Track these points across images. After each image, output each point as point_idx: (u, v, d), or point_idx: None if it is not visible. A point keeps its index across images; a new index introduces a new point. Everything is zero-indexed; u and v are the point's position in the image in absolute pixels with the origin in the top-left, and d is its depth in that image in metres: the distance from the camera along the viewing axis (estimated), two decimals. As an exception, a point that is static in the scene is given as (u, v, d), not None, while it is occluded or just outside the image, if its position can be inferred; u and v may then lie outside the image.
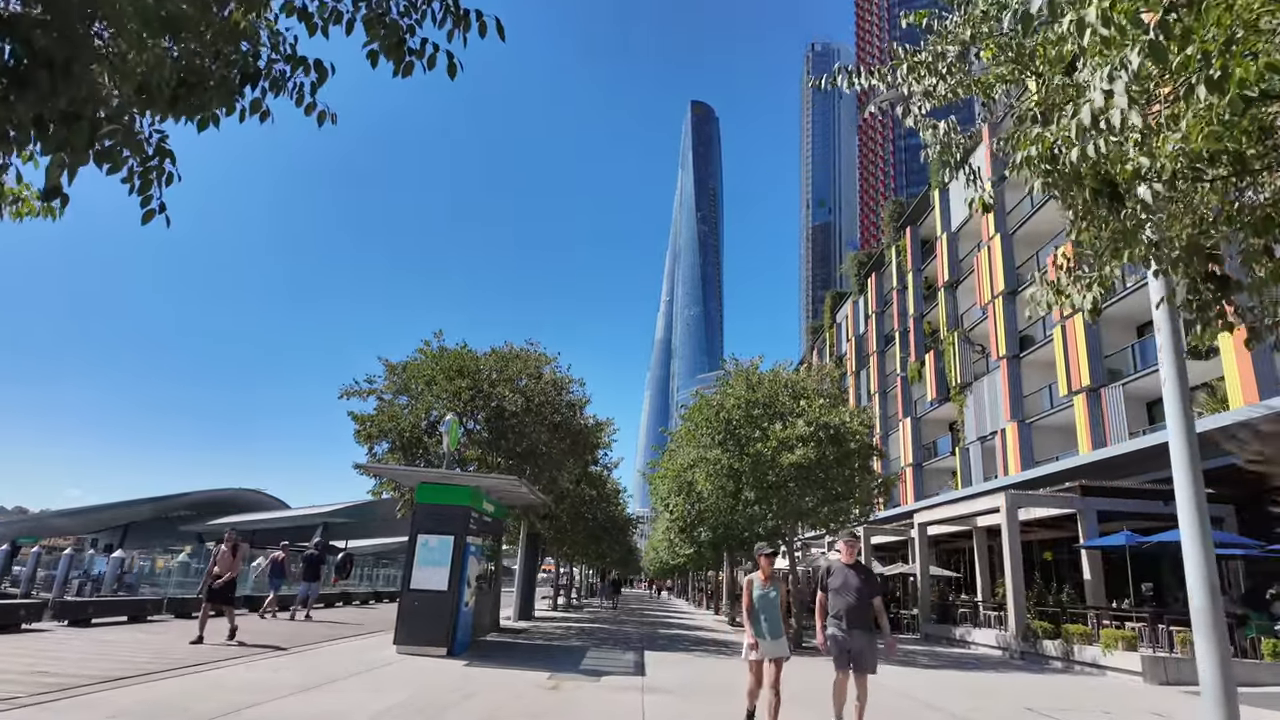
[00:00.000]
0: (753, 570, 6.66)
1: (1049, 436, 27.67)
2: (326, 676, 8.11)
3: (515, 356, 15.83)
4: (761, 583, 6.29)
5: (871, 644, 6.21)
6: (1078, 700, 9.85)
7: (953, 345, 34.05)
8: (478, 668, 9.71)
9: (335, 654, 10.29)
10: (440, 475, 11.48)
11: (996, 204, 31.30)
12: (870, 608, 6.25)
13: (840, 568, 6.42)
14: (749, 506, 14.27)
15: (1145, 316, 24.21)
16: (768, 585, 6.29)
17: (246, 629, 11.49)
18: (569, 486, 18.28)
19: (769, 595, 6.24)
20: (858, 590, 6.25)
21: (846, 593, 6.26)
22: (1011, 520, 15.82)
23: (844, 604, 6.23)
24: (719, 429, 14.48)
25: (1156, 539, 13.46)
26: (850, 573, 6.35)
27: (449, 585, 10.74)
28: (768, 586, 6.28)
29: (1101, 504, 15.81)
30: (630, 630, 18.76)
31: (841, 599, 6.26)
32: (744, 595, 6.33)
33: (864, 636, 6.17)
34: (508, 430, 15.02)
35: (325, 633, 13.19)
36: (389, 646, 10.82)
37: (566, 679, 9.06)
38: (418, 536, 10.96)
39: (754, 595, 6.24)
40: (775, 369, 15.76)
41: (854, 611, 6.19)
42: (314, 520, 55.58)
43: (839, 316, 55.64)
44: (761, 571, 6.34)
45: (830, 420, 13.97)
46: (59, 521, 60.88)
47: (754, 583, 6.30)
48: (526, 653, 12.03)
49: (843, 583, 6.31)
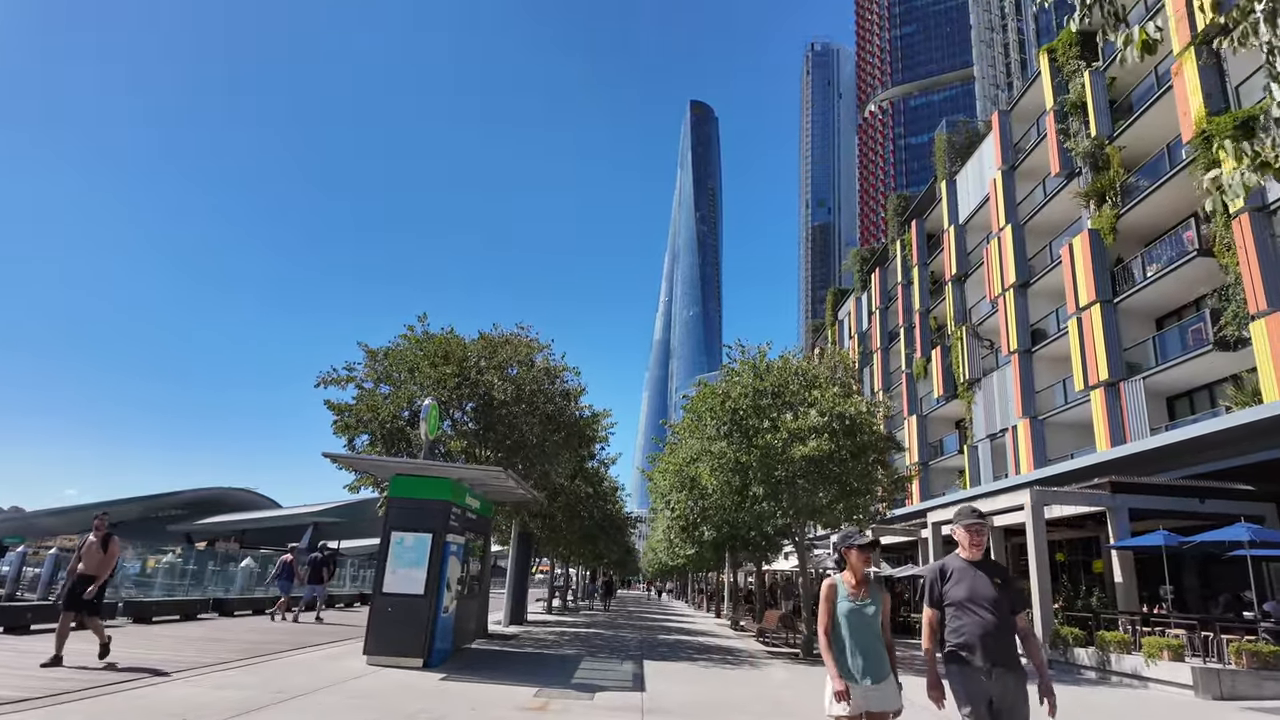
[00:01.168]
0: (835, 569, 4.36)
1: (1062, 434, 26.63)
2: (277, 694, 7.00)
3: (505, 342, 14.73)
4: (851, 590, 3.97)
5: (1022, 689, 3.78)
6: (1137, 717, 8.77)
7: (961, 340, 33.01)
8: (456, 682, 8.61)
9: (296, 666, 9.17)
10: (416, 466, 10.37)
11: (1007, 194, 30.31)
12: (1014, 629, 3.88)
13: (962, 566, 4.00)
14: (757, 503, 13.18)
15: (1165, 308, 23.20)
16: (862, 594, 3.95)
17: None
18: (563, 482, 17.17)
19: (864, 610, 3.91)
20: (993, 602, 3.83)
21: (977, 606, 3.84)
22: (1037, 519, 14.75)
23: (975, 625, 3.81)
24: (724, 419, 13.38)
25: (1200, 539, 12.40)
26: (978, 574, 3.93)
27: (426, 589, 9.64)
28: (862, 596, 3.94)
29: (1134, 501, 14.74)
30: (628, 636, 17.66)
31: (970, 617, 3.84)
32: (821, 610, 3.99)
33: (1010, 679, 3.75)
34: (497, 421, 13.93)
35: (293, 640, 12.07)
36: (359, 657, 9.71)
37: (556, 696, 7.96)
38: (391, 534, 9.86)
39: (839, 610, 3.95)
40: (784, 356, 14.67)
41: (993, 638, 3.77)
42: (304, 520, 54.53)
43: (841, 314, 54.61)
44: (851, 572, 4.01)
45: (845, 410, 12.89)
46: (47, 521, 59.70)
47: (838, 590, 4.00)
48: (514, 663, 10.93)
49: (970, 591, 3.89)
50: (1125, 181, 23.50)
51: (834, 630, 3.96)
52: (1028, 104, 30.31)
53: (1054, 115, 26.87)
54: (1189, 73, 20.36)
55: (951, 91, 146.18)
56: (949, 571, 4.04)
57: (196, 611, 15.57)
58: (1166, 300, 22.72)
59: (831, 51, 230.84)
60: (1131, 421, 21.90)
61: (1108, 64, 24.84)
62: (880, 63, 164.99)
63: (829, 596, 4.00)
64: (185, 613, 15.12)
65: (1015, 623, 3.89)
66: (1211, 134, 19.12)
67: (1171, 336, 21.64)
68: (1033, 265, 28.87)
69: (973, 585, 3.90)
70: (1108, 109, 24.63)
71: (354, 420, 13.88)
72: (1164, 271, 21.10)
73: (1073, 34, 26.50)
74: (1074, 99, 25.75)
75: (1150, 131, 22.85)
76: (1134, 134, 23.29)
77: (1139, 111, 22.76)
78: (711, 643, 17.06)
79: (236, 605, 17.48)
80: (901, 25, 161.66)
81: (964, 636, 3.83)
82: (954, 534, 4.09)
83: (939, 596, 4.01)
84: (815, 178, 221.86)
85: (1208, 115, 19.42)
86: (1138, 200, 22.37)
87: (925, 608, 4.09)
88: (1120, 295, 23.00)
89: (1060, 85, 27.04)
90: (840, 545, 4.13)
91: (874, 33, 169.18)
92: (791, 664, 13.05)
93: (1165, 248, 21.94)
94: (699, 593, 45.93)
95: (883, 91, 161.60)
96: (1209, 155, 19.25)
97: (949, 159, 36.79)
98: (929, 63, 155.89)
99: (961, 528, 4.06)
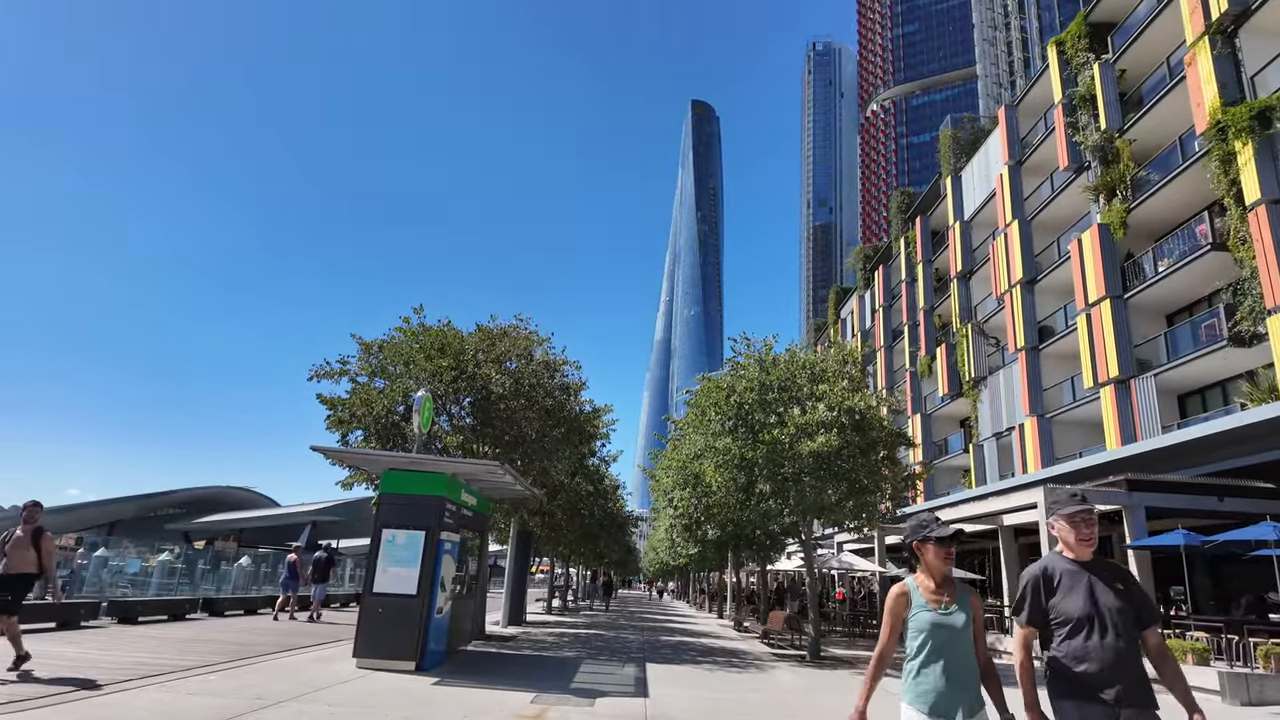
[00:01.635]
0: (905, 569, 3.08)
1: (1071, 432, 26.18)
2: (254, 701, 6.56)
3: (503, 334, 14.28)
4: (931, 596, 2.92)
5: None
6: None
7: (966, 338, 32.56)
8: (449, 687, 8.17)
9: (280, 669, 8.73)
10: (409, 460, 9.92)
11: (1014, 189, 29.86)
12: (1142, 652, 2.87)
13: (1071, 570, 2.94)
14: (763, 500, 12.74)
15: (1177, 303, 22.77)
16: (945, 600, 2.90)
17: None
18: (563, 480, 16.73)
19: (951, 622, 2.84)
20: (1119, 616, 2.80)
21: (1098, 623, 2.80)
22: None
23: (1097, 650, 2.76)
24: (729, 414, 12.94)
25: (1222, 538, 11.96)
26: (1094, 580, 2.89)
27: (418, 589, 9.19)
28: (946, 604, 2.89)
29: (1151, 499, 14.30)
30: (630, 637, 17.23)
31: (1088, 638, 2.79)
32: (885, 626, 3.00)
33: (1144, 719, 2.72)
34: (495, 416, 13.49)
35: (283, 641, 11.63)
36: (348, 659, 9.28)
37: (554, 702, 7.53)
38: (382, 531, 9.42)
39: (915, 624, 2.89)
40: (791, 349, 14.22)
41: (1123, 666, 2.73)
42: (302, 519, 54.10)
43: (843, 312, 54.17)
44: (928, 573, 2.98)
45: (854, 404, 12.45)
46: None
47: (911, 598, 2.95)
48: (511, 666, 10.50)
49: (1087, 603, 2.85)
50: (1136, 175, 23.06)
51: (912, 653, 2.87)
52: (1035, 98, 29.86)
53: (1062, 108, 26.42)
54: (1203, 62, 19.92)
55: (954, 90, 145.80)
56: (1056, 577, 2.94)
57: (185, 611, 15.15)
58: (1178, 296, 22.28)
59: (833, 51, 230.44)
60: (1143, 419, 21.47)
61: (1117, 55, 24.39)
62: (882, 62, 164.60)
63: (897, 609, 2.95)
64: (173, 613, 14.70)
65: (1153, 643, 2.88)
66: (1227, 125, 18.69)
67: (1183, 332, 21.20)
68: (1040, 261, 28.43)
69: (1090, 595, 2.84)
70: (1118, 101, 24.19)
71: (347, 415, 13.42)
72: (1176, 266, 20.66)
73: (1082, 25, 26.07)
74: (1083, 92, 25.31)
75: (1162, 124, 22.40)
76: (1144, 127, 22.85)
77: (1150, 103, 22.31)
78: (715, 644, 16.63)
79: (228, 605, 17.07)
80: (903, 24, 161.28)
81: (1083, 666, 2.75)
82: (1052, 529, 3.08)
83: (1043, 610, 2.92)
84: (817, 177, 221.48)
85: (1223, 106, 18.98)
86: (1149, 194, 21.93)
87: (1018, 627, 3.03)
88: (1131, 291, 22.55)
89: (1069, 78, 26.60)
90: (911, 538, 3.04)
91: (876, 32, 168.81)
92: (799, 667, 12.62)
93: (1177, 242, 21.50)
94: (701, 593, 45.50)
95: (885, 91, 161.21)
96: (1224, 147, 18.82)
97: (954, 155, 36.35)
98: (931, 62, 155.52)
99: (1062, 519, 2.97)
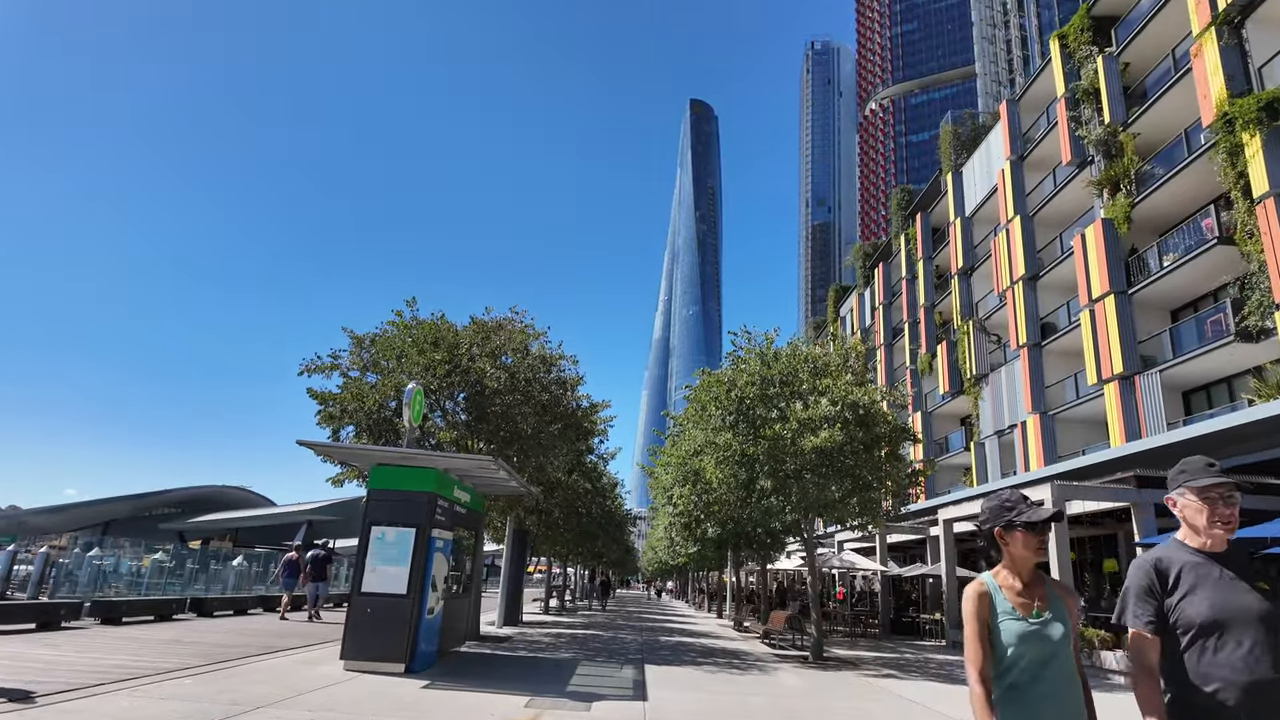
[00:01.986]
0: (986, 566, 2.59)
1: (1074, 429, 25.90)
2: (230, 706, 6.22)
3: (498, 328, 13.95)
4: (1018, 599, 2.29)
5: None
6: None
7: (967, 335, 32.27)
8: (439, 690, 7.85)
9: (263, 672, 8.38)
10: (399, 455, 9.58)
11: (1016, 185, 29.57)
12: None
13: (1196, 562, 2.27)
14: (764, 497, 12.43)
15: (1181, 299, 22.49)
16: (1037, 604, 2.28)
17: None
18: (560, 477, 16.41)
19: (1047, 632, 2.23)
20: (1262, 622, 2.14)
21: (1234, 632, 2.14)
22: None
23: (1234, 665, 2.11)
24: (730, 409, 12.61)
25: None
26: (1226, 576, 2.23)
27: (408, 588, 8.86)
28: (1039, 608, 2.27)
29: (1160, 496, 13.95)
30: (628, 638, 16.90)
31: (1222, 650, 2.14)
32: (969, 636, 2.28)
33: None
34: (490, 412, 13.16)
35: (270, 643, 11.28)
36: (336, 661, 8.95)
37: (549, 706, 7.20)
38: (371, 529, 9.09)
39: (1002, 630, 2.26)
40: (793, 343, 13.91)
41: (1268, 684, 2.08)
42: (298, 518, 53.63)
43: (843, 310, 53.87)
44: (1013, 570, 2.34)
45: (858, 399, 12.14)
46: (37, 519, 58.80)
47: (993, 600, 2.31)
48: (505, 667, 10.17)
49: (1219, 604, 2.17)
50: (1140, 169, 22.78)
51: (997, 674, 2.24)
52: (1037, 92, 29.57)
53: (1065, 102, 26.13)
54: (1209, 54, 19.63)
55: (952, 89, 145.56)
56: (1173, 570, 2.25)
57: (173, 612, 14.79)
58: (1183, 291, 22.00)
59: (832, 50, 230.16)
60: (1147, 416, 21.19)
61: (1121, 49, 24.11)
62: (881, 60, 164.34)
63: (980, 612, 2.27)
64: (160, 613, 14.34)
65: None
66: (1234, 116, 18.40)
67: (1188, 328, 20.93)
68: (1042, 257, 28.15)
69: (1221, 595, 2.17)
70: (1121, 95, 23.90)
71: (339, 410, 13.10)
72: (1182, 260, 20.38)
73: (1085, 18, 25.79)
74: (1086, 85, 25.02)
75: (1166, 117, 22.12)
76: (1149, 120, 22.57)
77: (1155, 96, 22.02)
78: (715, 645, 16.31)
79: (217, 605, 16.71)
80: (902, 23, 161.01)
81: (1214, 684, 2.11)
82: (1177, 507, 2.37)
83: (1163, 613, 2.24)
84: (815, 176, 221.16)
85: (1230, 97, 18.70)
86: (1154, 188, 21.65)
87: (1132, 630, 2.31)
88: (1135, 286, 22.27)
89: (1071, 72, 26.31)
90: (992, 523, 2.35)
91: (874, 30, 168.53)
92: (801, 668, 12.30)
93: (1182, 236, 21.22)
94: (700, 592, 45.20)
95: (883, 89, 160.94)
96: (1231, 139, 18.54)
97: (954, 151, 36.07)
98: (930, 60, 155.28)
99: (1193, 492, 2.29)
